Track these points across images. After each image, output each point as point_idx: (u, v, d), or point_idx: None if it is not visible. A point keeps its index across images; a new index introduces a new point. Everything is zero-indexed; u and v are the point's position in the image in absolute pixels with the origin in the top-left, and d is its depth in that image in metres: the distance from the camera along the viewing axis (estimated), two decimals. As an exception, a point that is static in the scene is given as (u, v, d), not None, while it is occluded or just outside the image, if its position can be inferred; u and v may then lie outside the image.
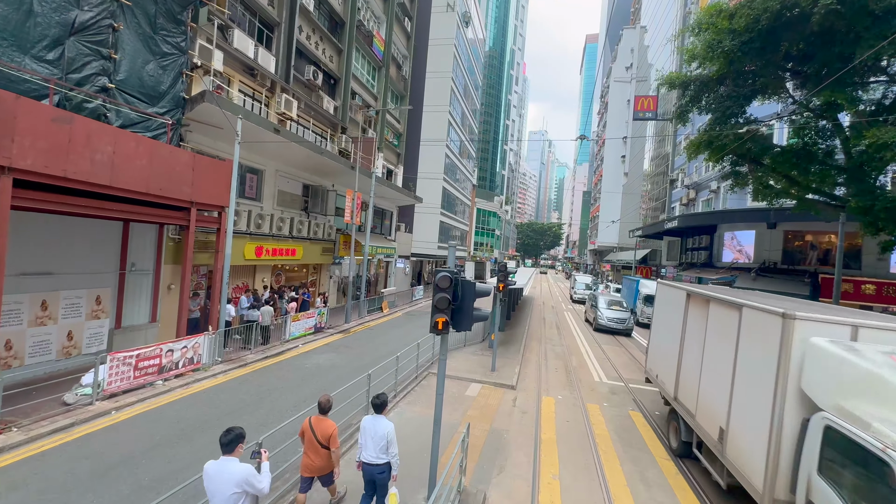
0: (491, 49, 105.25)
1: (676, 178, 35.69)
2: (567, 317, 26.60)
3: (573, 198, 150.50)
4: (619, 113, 63.42)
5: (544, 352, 15.76)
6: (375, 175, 21.79)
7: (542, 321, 23.43)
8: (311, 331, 15.84)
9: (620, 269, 51.99)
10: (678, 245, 33.24)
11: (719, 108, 14.09)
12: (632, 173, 57.97)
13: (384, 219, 29.02)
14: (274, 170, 16.94)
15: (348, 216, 18.47)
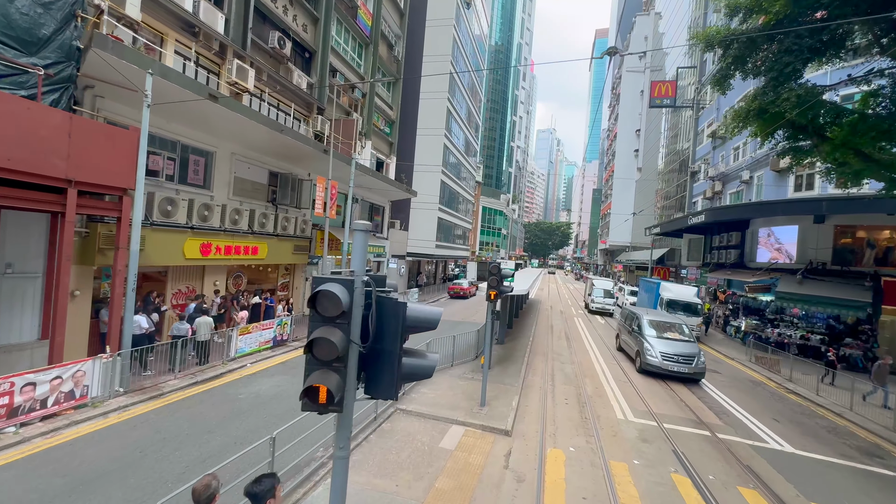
0: (497, 43, 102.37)
1: (698, 169, 32.44)
2: (578, 324, 23.60)
3: (582, 196, 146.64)
4: (631, 105, 60.04)
5: (551, 372, 12.84)
6: (357, 162, 19.08)
7: (549, 330, 20.48)
8: (269, 345, 13.14)
9: (634, 270, 48.69)
10: (701, 243, 29.99)
11: (774, 66, 11.04)
12: (646, 168, 54.60)
13: (374, 214, 26.31)
14: (228, 152, 14.28)
15: (320, 208, 15.74)
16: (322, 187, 15.72)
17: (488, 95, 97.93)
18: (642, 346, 13.57)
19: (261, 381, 10.37)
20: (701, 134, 32.53)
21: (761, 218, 21.22)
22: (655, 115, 52.01)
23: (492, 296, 8.68)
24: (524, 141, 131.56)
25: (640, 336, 14.01)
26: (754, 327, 20.98)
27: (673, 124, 48.65)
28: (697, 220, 23.29)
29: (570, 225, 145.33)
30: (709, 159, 29.96)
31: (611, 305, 28.26)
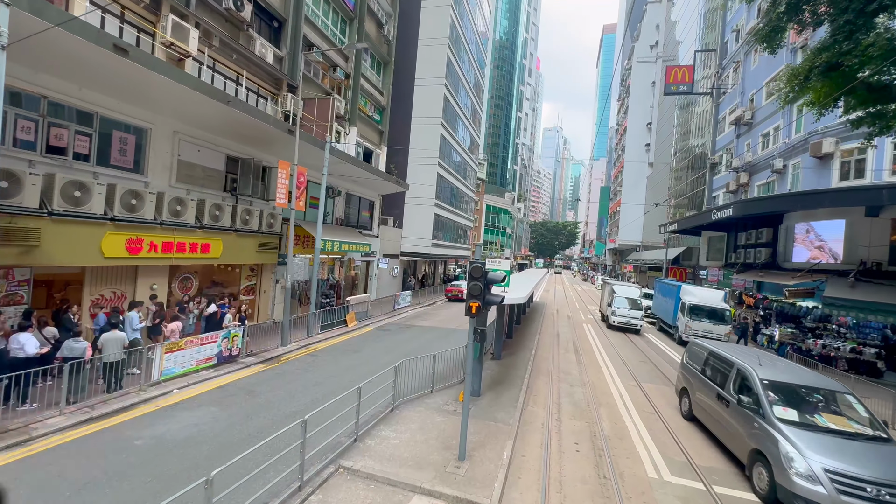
0: (502, 38, 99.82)
1: (719, 161, 29.63)
2: (587, 332, 20.99)
3: (589, 195, 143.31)
4: (642, 97, 57.13)
5: (556, 399, 10.32)
6: (336, 148, 16.71)
7: (554, 340, 17.92)
8: (212, 363, 10.77)
9: (647, 271, 45.85)
10: (724, 242, 27.21)
11: (851, 4, 8.43)
12: (658, 163, 51.70)
13: (362, 209, 23.93)
14: (169, 130, 11.93)
15: (283, 198, 13.33)
16: (286, 174, 13.32)
17: (493, 91, 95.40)
18: (778, 450, 6.09)
19: (178, 415, 7.97)
20: (722, 122, 29.73)
21: (799, 211, 18.47)
22: (668, 107, 49.14)
23: (473, 309, 6.19)
24: (530, 138, 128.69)
25: (764, 424, 6.59)
26: (791, 337, 18.24)
27: (683, 121, 45.78)
28: (723, 215, 20.57)
29: (576, 224, 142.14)
30: (732, 149, 27.18)
31: (639, 320, 21.56)
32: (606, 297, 24.40)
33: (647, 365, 14.76)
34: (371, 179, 21.37)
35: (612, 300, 22.63)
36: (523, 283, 14.21)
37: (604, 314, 24.62)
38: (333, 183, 20.18)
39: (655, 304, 25.08)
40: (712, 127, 30.85)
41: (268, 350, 12.88)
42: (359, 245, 20.35)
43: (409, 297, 25.27)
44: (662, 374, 13.64)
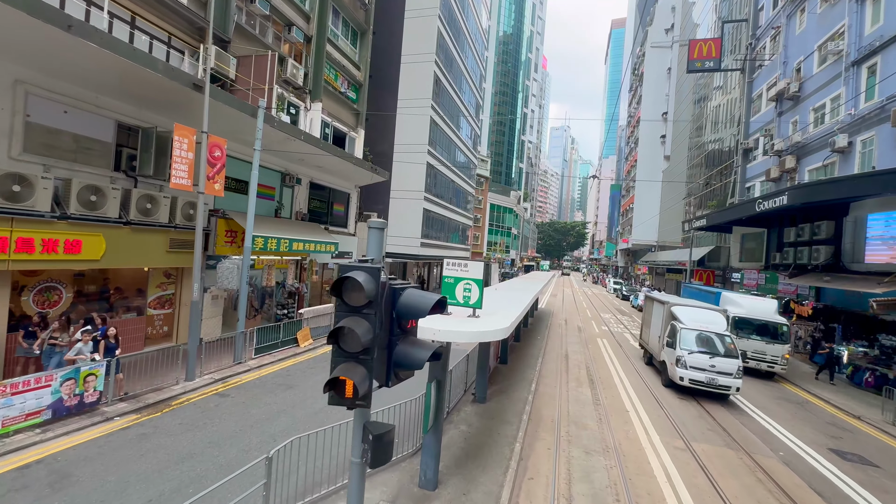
0: (506, 33, 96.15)
1: (754, 146, 25.50)
2: (603, 351, 17.06)
3: (598, 193, 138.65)
4: (657, 85, 52.90)
5: (565, 480, 6.47)
6: (282, 121, 13.09)
7: (562, 363, 14.03)
8: (40, 417, 7.12)
9: (665, 274, 41.61)
10: (763, 239, 23.08)
11: None
12: (675, 156, 47.43)
13: (333, 202, 20.28)
14: (9, 80, 8.35)
15: (182, 177, 9.61)
16: (187, 143, 9.63)
17: (497, 87, 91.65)
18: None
19: None
20: (757, 100, 25.60)
21: (874, 198, 14.36)
22: (686, 95, 44.94)
23: (346, 390, 2.40)
24: (536, 136, 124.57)
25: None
26: (868, 360, 14.15)
27: (697, 115, 41.57)
28: (772, 205, 16.52)
29: (585, 224, 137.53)
30: (771, 129, 23.05)
31: (733, 377, 11.07)
32: (658, 323, 13.94)
33: (693, 405, 10.81)
34: (340, 165, 17.71)
35: (672, 333, 12.34)
36: (515, 298, 10.36)
37: (650, 351, 14.61)
38: (290, 168, 16.56)
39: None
40: (744, 107, 26.72)
41: (160, 388, 9.21)
42: (323, 244, 16.66)
43: (391, 305, 21.50)
44: (716, 421, 9.69)
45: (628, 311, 32.02)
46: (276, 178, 16.32)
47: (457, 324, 5.33)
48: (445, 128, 28.76)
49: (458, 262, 5.65)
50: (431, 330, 4.80)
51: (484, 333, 5.34)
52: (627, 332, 22.06)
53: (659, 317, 13.96)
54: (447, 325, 5.09)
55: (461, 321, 5.55)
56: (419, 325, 4.92)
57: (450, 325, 5.11)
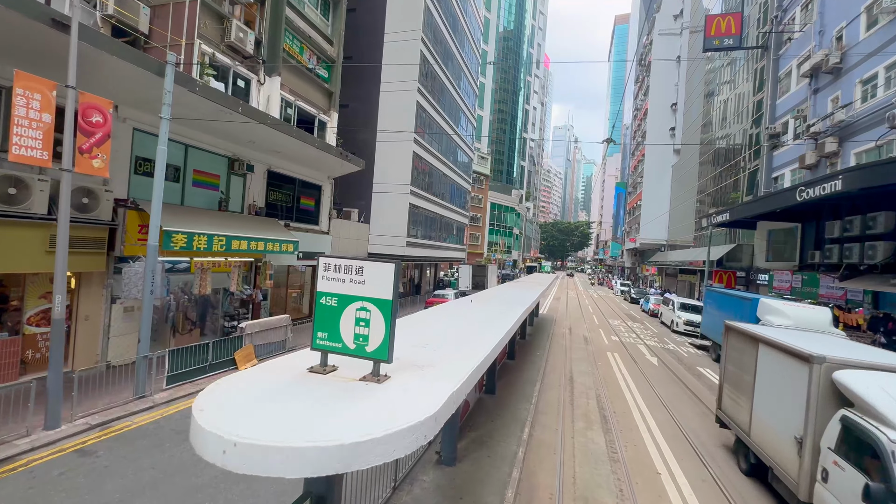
0: (506, 28, 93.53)
1: (782, 130, 22.59)
2: (616, 369, 14.23)
3: (603, 192, 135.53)
4: (665, 75, 49.94)
5: None
6: (211, 87, 10.41)
7: (566, 391, 11.21)
8: None
9: (677, 275, 38.62)
10: (796, 235, 20.18)
11: None
12: (686, 149, 44.43)
13: (300, 195, 17.58)
14: None
15: (32, 146, 6.88)
16: (41, 100, 6.90)
17: (498, 83, 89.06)
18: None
19: None
20: (785, 78, 22.68)
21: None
22: (698, 84, 42.00)
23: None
24: (539, 134, 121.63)
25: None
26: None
27: (705, 111, 38.63)
28: (819, 193, 13.60)
29: (589, 224, 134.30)
30: (805, 110, 20.13)
31: None
32: (787, 401, 6.23)
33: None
34: (303, 151, 15.01)
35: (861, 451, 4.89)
36: (493, 321, 7.57)
37: (756, 448, 6.85)
38: (239, 152, 13.88)
39: (707, 321, 18.16)
40: (769, 87, 23.79)
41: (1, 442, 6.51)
42: (278, 242, 13.94)
43: (369, 313, 18.74)
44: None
45: (639, 317, 29.09)
46: (222, 164, 13.64)
47: (297, 418, 2.49)
48: (435, 114, 26.01)
49: (347, 267, 2.91)
50: (216, 438, 2.05)
51: (362, 447, 2.20)
52: (641, 342, 19.19)
53: (788, 388, 6.26)
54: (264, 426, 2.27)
55: (322, 403, 2.72)
56: (196, 422, 2.16)
57: (268, 428, 2.31)
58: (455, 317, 7.60)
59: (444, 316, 7.58)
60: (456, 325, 6.72)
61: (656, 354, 16.55)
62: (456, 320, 7.21)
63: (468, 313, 8.20)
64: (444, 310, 8.52)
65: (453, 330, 6.23)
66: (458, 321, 7.13)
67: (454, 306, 9.07)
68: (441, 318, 7.17)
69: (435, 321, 6.85)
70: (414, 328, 5.98)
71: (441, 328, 6.22)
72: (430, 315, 7.63)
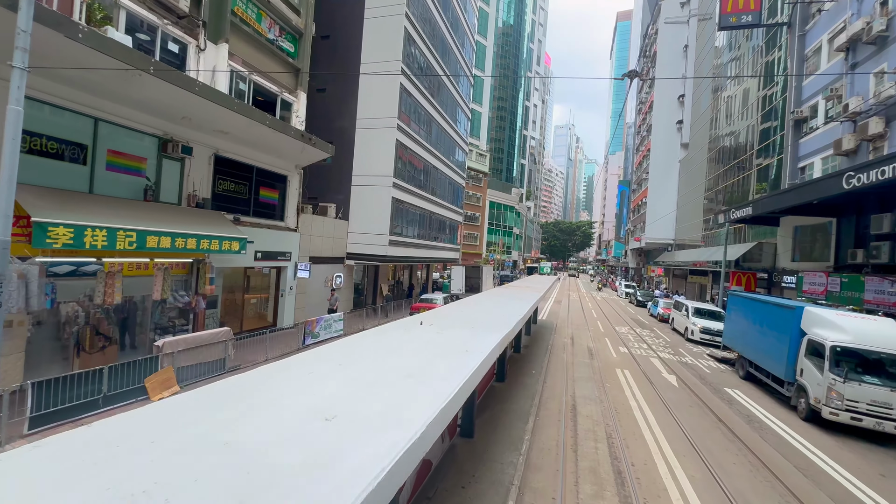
0: (505, 23, 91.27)
1: (810, 114, 20.12)
2: (628, 391, 11.78)
3: (605, 191, 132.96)
4: (671, 65, 47.46)
5: None
6: (110, 39, 8.04)
7: (566, 428, 8.78)
8: None
9: (687, 277, 36.09)
10: (830, 231, 17.74)
11: None
12: (694, 143, 41.94)
13: (260, 186, 15.20)
14: None
15: None
16: None
17: (496, 81, 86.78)
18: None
19: None
20: (814, 56, 20.20)
21: None
22: (707, 72, 39.48)
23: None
24: (539, 132, 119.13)
25: None
26: None
27: (712, 106, 36.17)
28: (877, 178, 11.16)
29: (591, 224, 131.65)
30: (840, 88, 17.66)
31: None
32: None
33: None
34: (255, 131, 12.64)
35: None
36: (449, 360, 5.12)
37: None
38: (174, 132, 11.51)
39: (731, 330, 15.69)
40: (793, 67, 21.31)
41: None
42: (221, 240, 11.55)
43: (341, 321, 16.38)
44: None
45: (647, 322, 26.62)
46: (150, 144, 11.27)
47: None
48: (422, 100, 23.62)
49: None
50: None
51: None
52: (654, 354, 16.74)
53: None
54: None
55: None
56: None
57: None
58: (390, 350, 5.25)
59: (373, 347, 5.24)
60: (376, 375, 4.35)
61: (674, 371, 14.08)
62: (388, 358, 4.84)
63: (418, 341, 5.79)
64: (379, 337, 6.16)
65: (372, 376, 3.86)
66: (391, 359, 4.76)
67: (394, 331, 6.67)
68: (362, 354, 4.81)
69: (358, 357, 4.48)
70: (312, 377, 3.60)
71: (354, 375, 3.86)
72: (354, 347, 5.28)
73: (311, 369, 4.38)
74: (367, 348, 5.39)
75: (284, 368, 4.44)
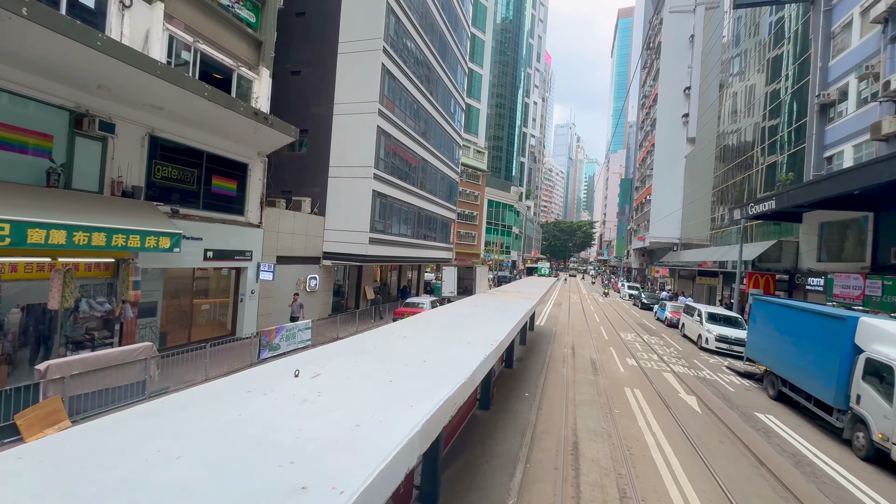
0: (504, 19, 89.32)
1: (839, 97, 18.07)
2: (641, 420, 9.73)
3: (607, 191, 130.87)
4: (677, 56, 45.38)
5: None
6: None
7: (567, 479, 6.74)
8: None
9: (696, 278, 33.98)
10: (867, 227, 15.69)
11: None
12: (702, 138, 39.86)
13: (212, 174, 13.14)
14: None
15: None
16: None
17: (496, 76, 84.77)
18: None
19: None
20: (843, 32, 18.14)
21: None
22: (714, 65, 37.40)
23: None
24: (539, 130, 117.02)
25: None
26: None
27: (720, 98, 34.07)
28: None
29: (592, 224, 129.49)
30: (876, 66, 15.58)
31: None
32: None
33: None
34: (197, 105, 10.61)
35: None
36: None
37: None
38: (90, 104, 9.46)
39: (757, 341, 13.59)
40: (818, 46, 19.23)
41: None
42: (145, 235, 9.51)
43: (309, 330, 14.32)
44: None
45: (654, 328, 24.54)
46: (58, 119, 9.23)
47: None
48: (410, 85, 21.56)
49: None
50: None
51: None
52: (666, 368, 14.65)
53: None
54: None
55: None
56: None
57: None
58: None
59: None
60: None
61: (692, 391, 12.00)
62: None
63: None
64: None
65: None
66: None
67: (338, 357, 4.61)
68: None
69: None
70: None
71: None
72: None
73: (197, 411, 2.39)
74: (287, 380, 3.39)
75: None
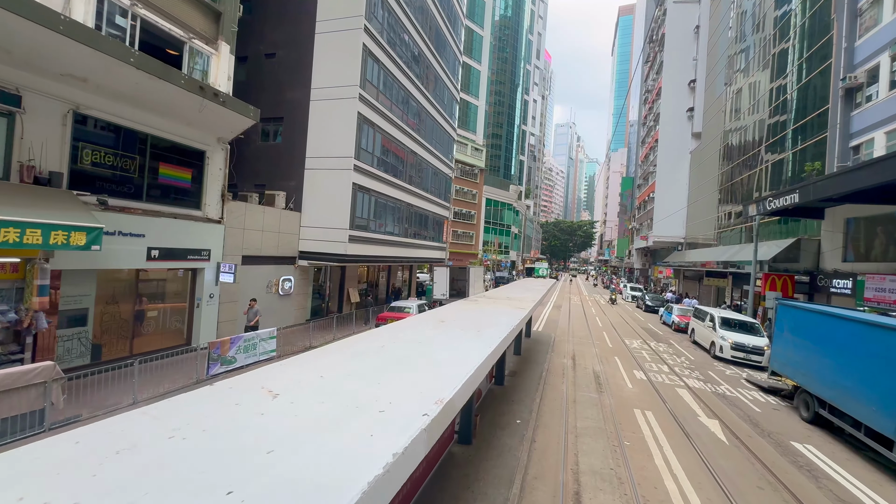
0: (503, 16, 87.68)
1: (868, 80, 16.37)
2: (661, 461, 8.01)
3: (607, 189, 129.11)
4: (682, 49, 43.68)
5: None
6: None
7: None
8: None
9: (703, 279, 32.22)
10: (905, 223, 13.98)
11: None
12: (707, 133, 38.15)
13: (160, 160, 11.43)
14: None
15: None
16: None
17: (494, 73, 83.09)
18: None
19: None
20: (871, 8, 16.44)
21: None
22: (721, 57, 35.69)
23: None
24: (539, 129, 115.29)
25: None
26: None
27: (728, 90, 32.34)
28: None
29: (593, 224, 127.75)
30: (914, 42, 13.88)
31: None
32: None
33: None
34: (124, 75, 8.91)
35: None
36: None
37: None
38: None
39: (784, 353, 11.83)
40: (843, 25, 17.53)
41: None
42: (51, 229, 7.81)
43: (273, 340, 12.61)
44: None
45: (661, 333, 22.81)
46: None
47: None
48: (394, 68, 19.84)
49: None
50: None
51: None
52: (680, 382, 12.93)
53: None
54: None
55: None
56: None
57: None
58: None
59: None
60: None
61: (714, 413, 10.28)
62: None
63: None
64: None
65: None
66: None
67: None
68: None
69: None
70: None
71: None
72: None
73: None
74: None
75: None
